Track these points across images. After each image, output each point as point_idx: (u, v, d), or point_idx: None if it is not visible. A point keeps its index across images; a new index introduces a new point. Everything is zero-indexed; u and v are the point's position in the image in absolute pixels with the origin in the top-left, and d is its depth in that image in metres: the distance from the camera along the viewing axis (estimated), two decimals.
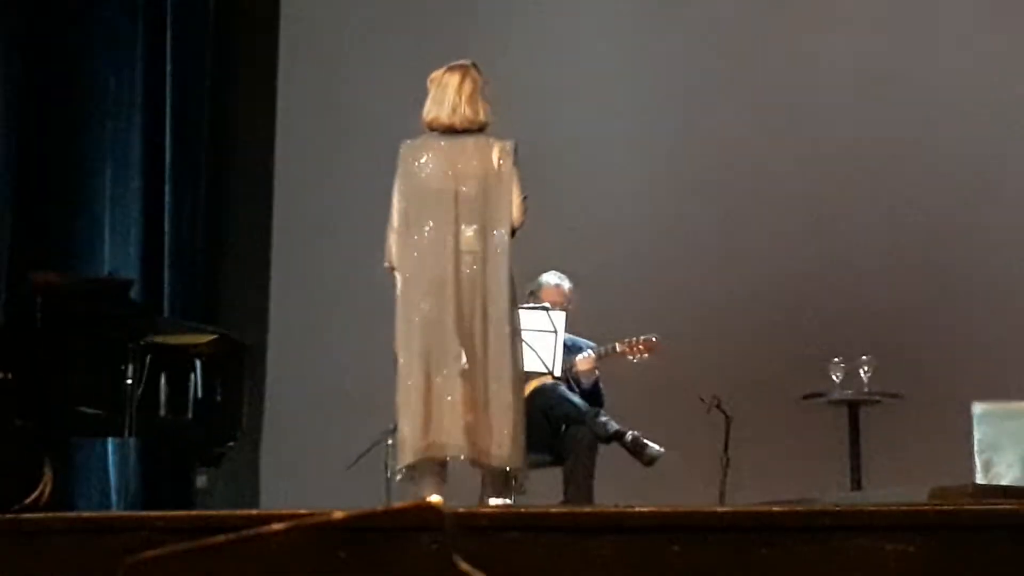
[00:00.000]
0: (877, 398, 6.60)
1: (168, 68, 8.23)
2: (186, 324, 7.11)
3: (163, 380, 6.17)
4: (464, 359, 5.17)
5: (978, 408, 5.53)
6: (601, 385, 6.64)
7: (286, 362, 8.30)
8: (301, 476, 7.51)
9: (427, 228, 5.29)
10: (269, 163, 8.57)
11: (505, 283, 5.25)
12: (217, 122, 8.50)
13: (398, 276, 5.39)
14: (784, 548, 2.73)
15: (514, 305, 5.33)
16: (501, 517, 2.86)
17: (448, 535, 1.33)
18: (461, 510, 2.49)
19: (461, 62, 5.41)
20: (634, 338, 6.51)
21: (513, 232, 5.31)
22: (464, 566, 1.29)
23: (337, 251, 8.27)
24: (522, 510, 3.37)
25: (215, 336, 6.62)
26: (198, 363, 6.34)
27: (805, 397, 6.83)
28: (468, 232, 5.26)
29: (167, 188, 8.16)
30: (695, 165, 7.66)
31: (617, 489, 5.56)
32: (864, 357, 6.48)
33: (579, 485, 6.32)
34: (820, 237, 7.51)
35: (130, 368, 6.02)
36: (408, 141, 5.39)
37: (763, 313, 7.48)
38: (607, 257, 7.59)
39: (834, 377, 6.67)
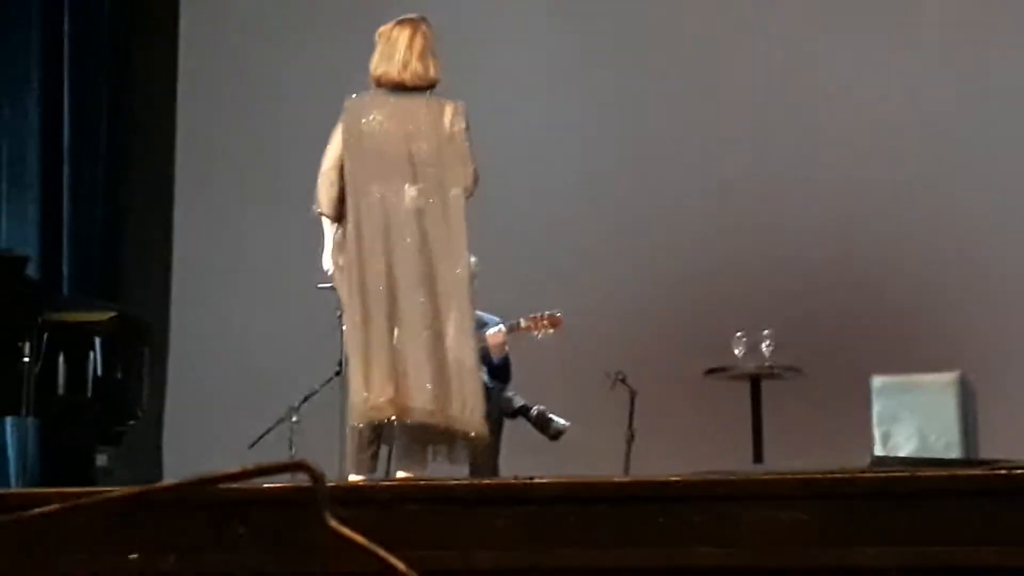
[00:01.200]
0: (778, 372, 6.67)
1: (66, 44, 8.10)
2: (85, 301, 7.02)
3: (61, 358, 6.08)
4: (423, 320, 5.02)
5: (877, 381, 5.60)
6: (510, 360, 6.64)
7: (188, 340, 8.21)
8: (205, 454, 7.43)
9: (378, 187, 5.14)
10: (170, 139, 8.47)
11: (463, 243, 5.13)
12: (116, 97, 8.38)
13: (345, 235, 5.18)
14: (681, 518, 2.74)
15: (470, 269, 5.22)
16: (400, 489, 2.85)
17: (320, 493, 1.31)
18: (358, 482, 2.48)
19: (411, 16, 5.26)
20: (539, 313, 6.52)
21: (467, 195, 5.21)
22: (335, 524, 1.27)
23: (240, 228, 8.20)
24: (422, 482, 3.36)
25: (114, 314, 6.53)
26: (97, 341, 6.25)
27: (708, 372, 6.88)
28: (421, 192, 5.12)
29: (65, 165, 8.03)
30: (601, 145, 7.67)
31: (524, 464, 5.56)
32: (766, 331, 6.54)
33: (484, 460, 6.32)
34: (722, 213, 7.56)
35: (27, 346, 5.92)
36: (354, 96, 5.24)
37: (666, 288, 7.53)
38: (511, 232, 7.59)
39: (736, 351, 6.73)
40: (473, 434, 5.07)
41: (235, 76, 8.39)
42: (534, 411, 6.33)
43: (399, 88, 5.19)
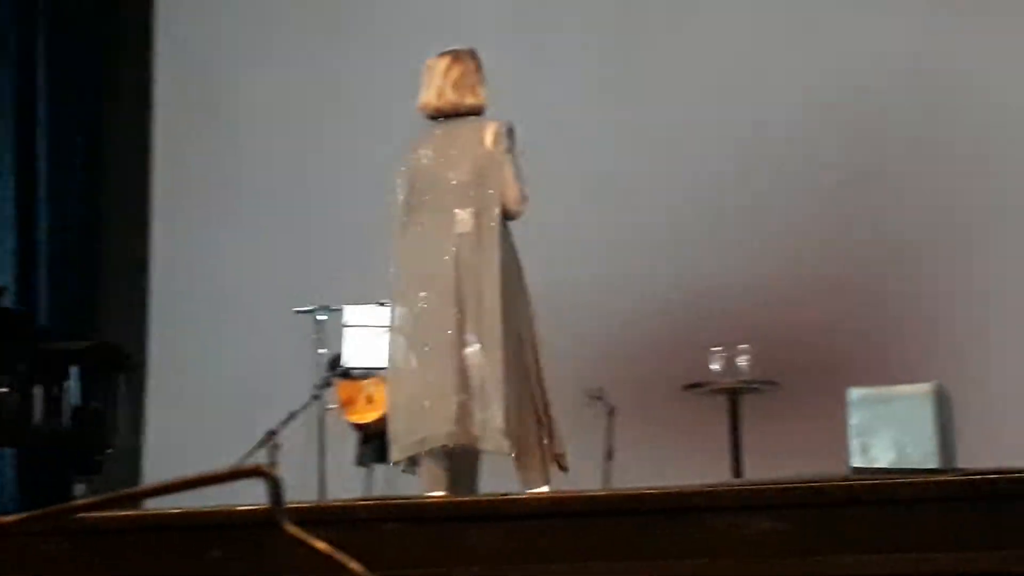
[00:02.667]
0: (756, 386, 6.68)
1: (41, 73, 8.09)
2: (62, 330, 6.99)
3: (39, 387, 6.06)
4: (463, 345, 5.10)
5: (854, 393, 5.60)
6: None
7: (167, 366, 8.20)
8: None
9: (423, 217, 5.23)
10: (147, 165, 8.46)
11: (497, 265, 5.16)
12: (92, 124, 8.37)
13: (393, 270, 5.31)
14: (660, 529, 2.75)
15: (510, 288, 5.22)
16: (377, 508, 2.86)
17: (275, 497, 1.31)
18: (334, 502, 2.48)
19: (454, 47, 5.41)
20: None
21: (509, 216, 5.26)
22: (293, 529, 1.27)
23: (217, 258, 8.19)
24: (399, 501, 3.37)
25: (92, 342, 6.52)
26: (75, 370, 6.24)
27: (686, 387, 6.89)
28: (463, 216, 5.18)
29: (42, 193, 8.02)
30: (577, 159, 7.68)
31: (505, 484, 5.57)
32: (742, 346, 6.56)
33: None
34: (698, 228, 7.57)
35: (4, 375, 5.91)
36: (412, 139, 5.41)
37: (643, 305, 7.54)
38: None
39: (714, 367, 6.74)
40: (497, 449, 5.12)
41: (211, 108, 8.39)
42: None
43: (439, 116, 5.33)
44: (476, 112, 5.33)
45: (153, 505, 7.21)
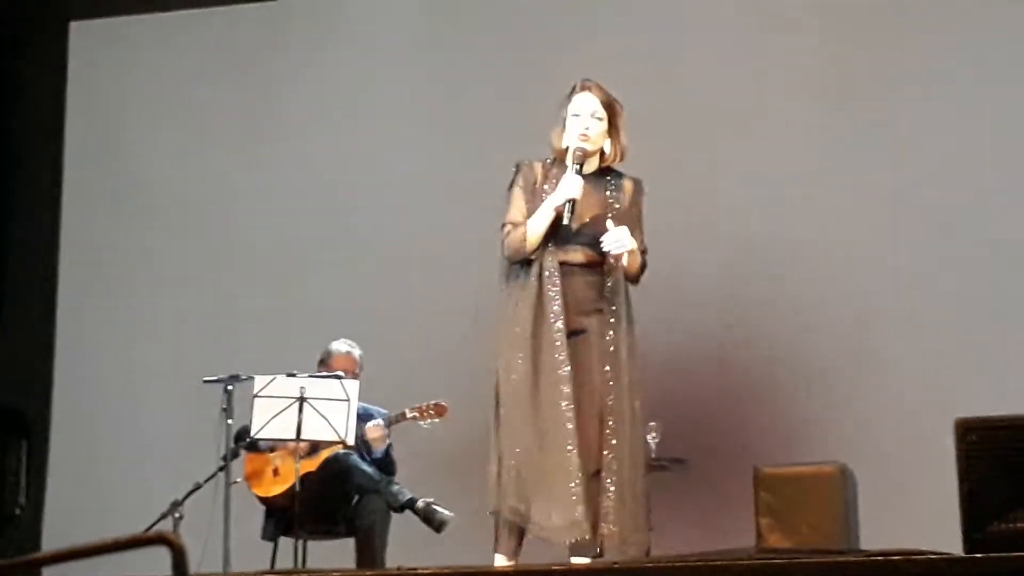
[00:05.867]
0: (664, 464, 6.71)
1: None
2: None
3: None
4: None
5: (760, 472, 5.66)
6: (392, 453, 6.63)
7: (71, 436, 8.07)
8: None
9: None
10: (54, 234, 8.37)
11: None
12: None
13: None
14: None
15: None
16: None
17: (177, 569, 1.30)
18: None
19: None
20: (424, 403, 6.52)
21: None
22: None
23: (125, 325, 8.10)
24: (303, 574, 3.33)
25: None
26: None
27: None
28: None
29: None
30: (478, 226, 7.71)
31: (411, 557, 5.54)
32: (652, 423, 6.59)
33: (372, 555, 6.28)
34: None
35: None
36: None
37: None
38: (398, 323, 7.59)
39: None
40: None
41: (122, 173, 8.33)
42: (420, 503, 6.32)
43: None
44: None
45: (52, 574, 7.07)
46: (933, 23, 7.42)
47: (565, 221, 5.06)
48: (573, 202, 5.06)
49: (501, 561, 5.06)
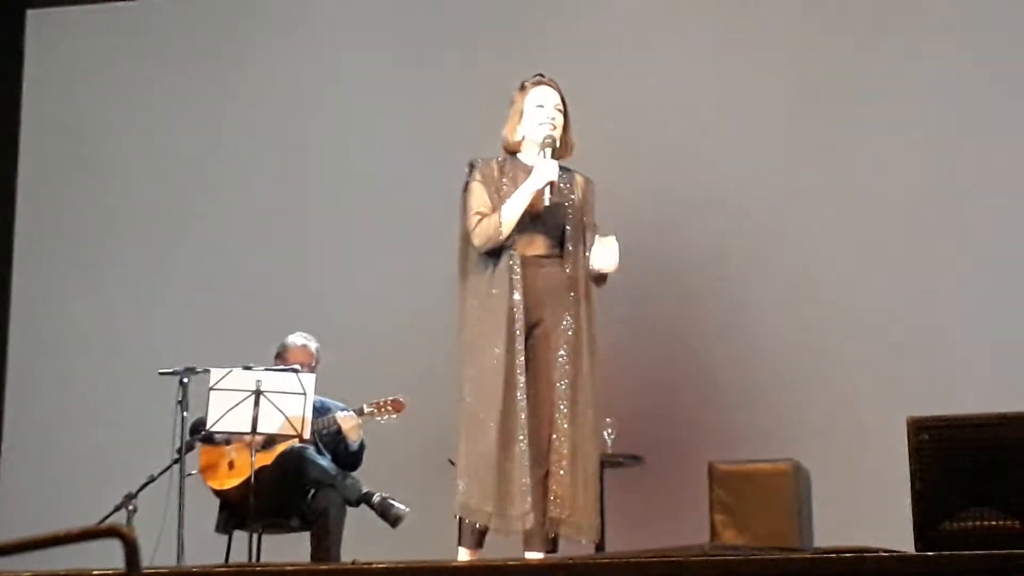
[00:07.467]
0: (620, 460, 6.73)
1: None
2: None
3: None
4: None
5: (714, 468, 5.68)
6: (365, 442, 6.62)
7: (24, 429, 8.02)
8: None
9: None
10: (9, 224, 8.31)
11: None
12: None
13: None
14: None
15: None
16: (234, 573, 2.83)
17: (130, 562, 1.30)
18: (192, 568, 2.46)
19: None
20: (382, 399, 6.52)
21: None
22: None
23: (80, 316, 8.06)
24: (257, 568, 3.33)
25: None
26: None
27: None
28: None
29: None
30: (437, 222, 7.71)
31: (367, 551, 5.54)
32: (608, 420, 6.61)
33: (327, 549, 6.27)
34: None
35: None
36: None
37: None
38: (357, 316, 7.58)
39: None
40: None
41: (79, 160, 8.29)
42: (376, 498, 6.31)
43: None
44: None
45: (2, 565, 7.02)
46: (901, 26, 7.47)
47: (546, 203, 5.15)
48: (552, 184, 5.12)
49: (464, 556, 5.08)
